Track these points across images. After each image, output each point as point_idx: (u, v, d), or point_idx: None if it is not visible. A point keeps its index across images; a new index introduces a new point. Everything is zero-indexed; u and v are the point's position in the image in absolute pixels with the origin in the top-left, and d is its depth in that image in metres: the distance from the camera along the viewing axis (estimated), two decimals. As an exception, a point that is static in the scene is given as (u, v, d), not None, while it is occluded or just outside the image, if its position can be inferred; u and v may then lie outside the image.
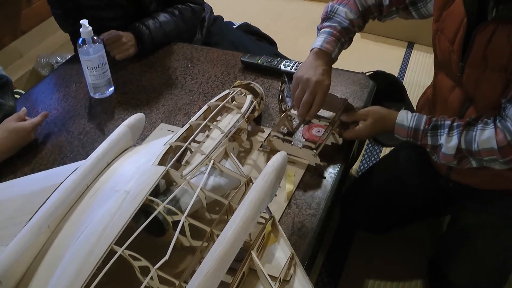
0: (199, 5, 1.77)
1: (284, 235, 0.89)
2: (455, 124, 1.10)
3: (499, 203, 1.28)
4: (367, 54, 2.81)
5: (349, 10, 1.24)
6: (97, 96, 1.42)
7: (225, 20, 2.10)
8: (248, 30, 2.25)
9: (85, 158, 0.95)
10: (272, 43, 2.29)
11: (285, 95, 1.32)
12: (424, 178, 1.42)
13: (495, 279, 1.28)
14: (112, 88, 1.44)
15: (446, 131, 1.10)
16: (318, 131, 1.21)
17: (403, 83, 2.27)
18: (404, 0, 1.26)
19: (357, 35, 2.96)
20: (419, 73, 2.61)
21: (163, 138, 1.02)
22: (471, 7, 1.06)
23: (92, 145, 1.24)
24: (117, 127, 1.02)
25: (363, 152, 2.01)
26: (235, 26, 2.24)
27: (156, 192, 0.91)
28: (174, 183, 0.92)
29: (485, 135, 1.05)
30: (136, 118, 1.06)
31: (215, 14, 2.04)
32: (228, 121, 1.09)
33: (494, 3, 1.03)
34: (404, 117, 1.15)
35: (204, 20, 1.92)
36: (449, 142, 1.10)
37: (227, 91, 1.17)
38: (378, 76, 2.07)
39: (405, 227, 1.60)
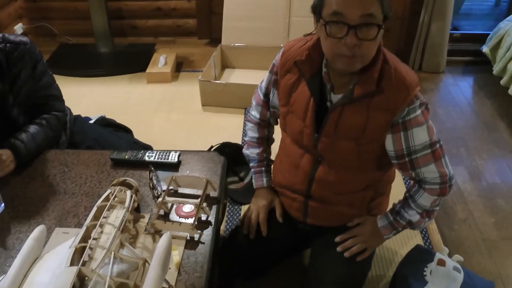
0: (62, 112, 1.95)
1: (182, 297, 1.16)
2: (403, 203, 1.60)
3: (339, 235, 1.66)
4: (212, 126, 3.04)
5: (254, 131, 1.79)
6: (-11, 215, 1.50)
7: (82, 116, 2.29)
8: (105, 123, 2.49)
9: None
10: (127, 131, 2.55)
11: (154, 182, 1.59)
12: (284, 227, 1.74)
13: None
14: (2, 205, 1.53)
15: (407, 210, 1.56)
16: (188, 208, 1.50)
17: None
18: (262, 98, 1.69)
19: (199, 109, 3.25)
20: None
21: (66, 242, 1.24)
22: (314, 90, 1.44)
23: (-7, 262, 1.34)
24: (16, 240, 1.25)
25: (226, 213, 2.32)
26: (92, 121, 2.45)
27: (73, 289, 1.12)
28: (86, 278, 1.14)
29: (425, 195, 1.52)
30: (39, 230, 1.26)
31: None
32: (115, 216, 1.33)
33: (330, 88, 1.42)
34: (380, 220, 1.63)
35: (66, 122, 2.08)
36: (412, 216, 1.56)
37: (108, 191, 1.42)
38: (226, 147, 2.45)
39: (275, 267, 1.93)
